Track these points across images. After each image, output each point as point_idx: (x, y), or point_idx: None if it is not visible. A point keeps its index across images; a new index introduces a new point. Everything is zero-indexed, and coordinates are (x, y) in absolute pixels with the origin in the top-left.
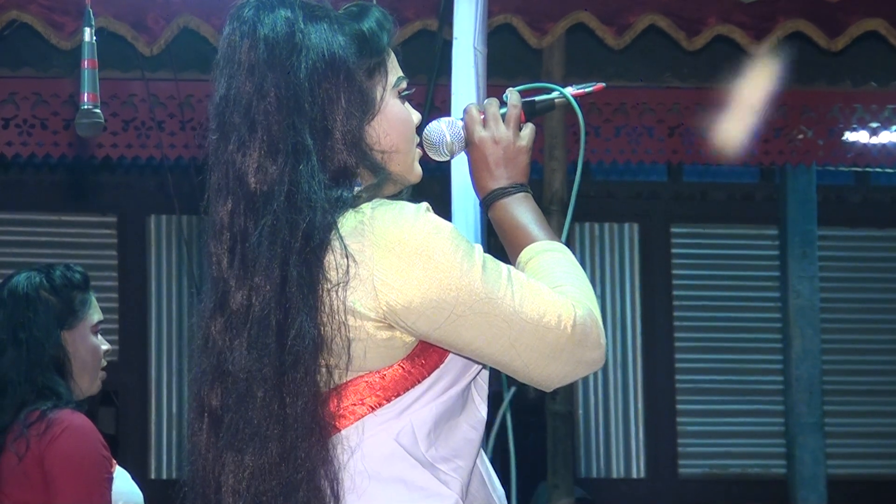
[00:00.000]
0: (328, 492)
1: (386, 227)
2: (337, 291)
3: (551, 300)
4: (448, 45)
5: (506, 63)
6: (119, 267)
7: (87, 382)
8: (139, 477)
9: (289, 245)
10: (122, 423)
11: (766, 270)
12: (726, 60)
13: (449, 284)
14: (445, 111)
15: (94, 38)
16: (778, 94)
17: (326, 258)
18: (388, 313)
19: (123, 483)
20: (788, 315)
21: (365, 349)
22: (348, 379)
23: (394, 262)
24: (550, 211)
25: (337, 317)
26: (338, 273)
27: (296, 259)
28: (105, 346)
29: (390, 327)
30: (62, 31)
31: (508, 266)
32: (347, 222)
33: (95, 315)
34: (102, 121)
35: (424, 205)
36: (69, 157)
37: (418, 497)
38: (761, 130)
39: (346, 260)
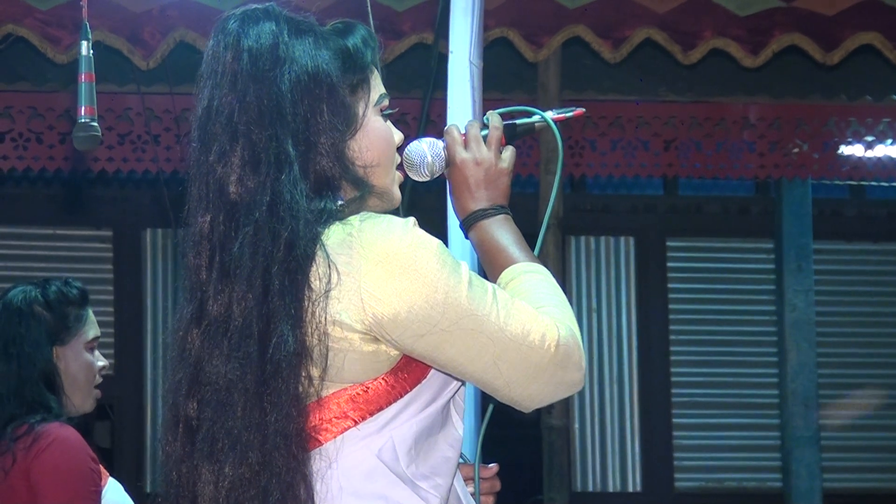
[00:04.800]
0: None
1: (375, 239)
2: (321, 302)
3: (535, 320)
4: (444, 58)
5: (502, 77)
6: (114, 281)
7: (80, 399)
8: (135, 490)
9: (271, 255)
10: (117, 436)
11: (761, 284)
12: (722, 74)
13: (435, 299)
14: (441, 125)
15: (92, 51)
16: (773, 108)
17: (311, 269)
18: (374, 325)
19: (116, 496)
20: (784, 328)
21: (350, 361)
22: (332, 391)
23: (382, 275)
24: (547, 224)
25: (320, 327)
26: (321, 283)
27: (278, 269)
28: (102, 363)
29: (375, 340)
30: (58, 44)
31: (493, 285)
32: (335, 234)
33: (91, 331)
34: (100, 134)
35: (412, 219)
36: (65, 171)
37: None
38: (757, 144)
39: (330, 271)
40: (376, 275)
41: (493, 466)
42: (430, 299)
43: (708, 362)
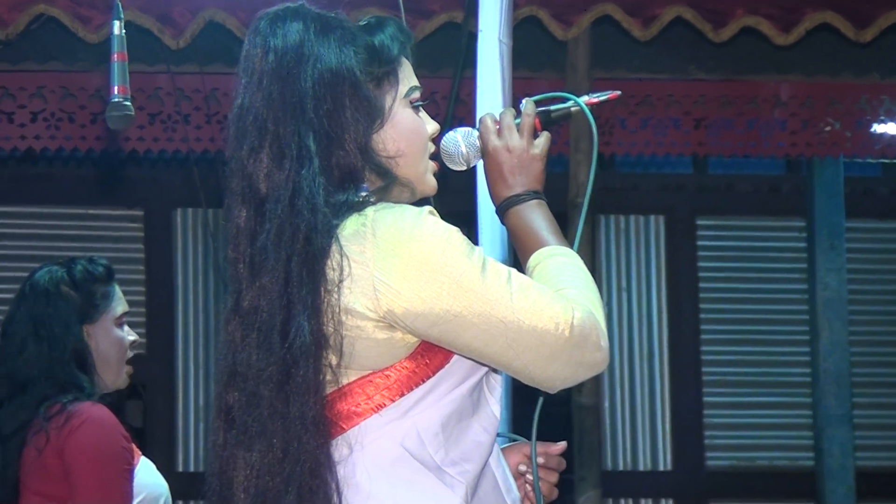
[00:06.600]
0: (331, 490)
1: (386, 229)
2: (335, 292)
3: (550, 303)
4: (473, 37)
5: (531, 55)
6: (145, 260)
7: (112, 376)
8: (166, 470)
9: (291, 247)
10: (149, 415)
11: (793, 262)
12: (753, 52)
13: (447, 286)
14: (470, 104)
15: (123, 31)
16: (805, 86)
17: (327, 260)
18: (388, 314)
19: (148, 474)
20: (816, 307)
21: (364, 348)
22: (353, 379)
23: (394, 265)
24: (576, 203)
25: (335, 316)
26: (335, 274)
27: (297, 261)
28: (131, 337)
29: (391, 327)
30: (89, 24)
31: (510, 269)
32: (350, 225)
33: (119, 307)
34: (132, 113)
35: (427, 208)
36: (96, 151)
37: (422, 501)
38: (788, 122)
39: (342, 261)
40: (388, 265)
41: (561, 445)
42: (441, 286)
43: (739, 341)
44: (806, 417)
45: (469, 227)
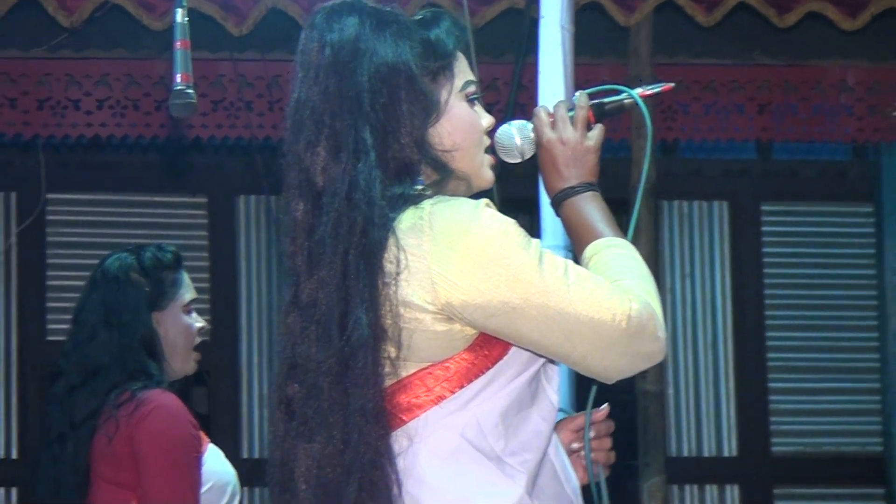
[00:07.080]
0: (391, 481)
1: (444, 223)
2: (393, 284)
3: (606, 294)
4: (535, 23)
5: (593, 42)
6: (209, 247)
7: (180, 363)
8: (231, 456)
9: (348, 240)
10: (213, 402)
11: (860, 248)
12: (818, 37)
13: (505, 278)
14: (532, 90)
15: (186, 18)
16: (872, 71)
17: (384, 253)
18: (446, 306)
19: (216, 462)
20: (884, 292)
21: (422, 340)
22: (412, 371)
23: (451, 257)
24: (638, 189)
25: (394, 309)
26: (392, 267)
27: (354, 253)
28: (199, 324)
29: (449, 320)
30: (153, 12)
31: (567, 261)
32: (407, 219)
33: (187, 294)
34: (195, 101)
35: (484, 201)
36: (160, 139)
37: (483, 492)
38: (855, 108)
39: (399, 254)
40: (446, 258)
41: (604, 408)
42: (500, 279)
43: (805, 326)
44: (874, 403)
45: (532, 215)
